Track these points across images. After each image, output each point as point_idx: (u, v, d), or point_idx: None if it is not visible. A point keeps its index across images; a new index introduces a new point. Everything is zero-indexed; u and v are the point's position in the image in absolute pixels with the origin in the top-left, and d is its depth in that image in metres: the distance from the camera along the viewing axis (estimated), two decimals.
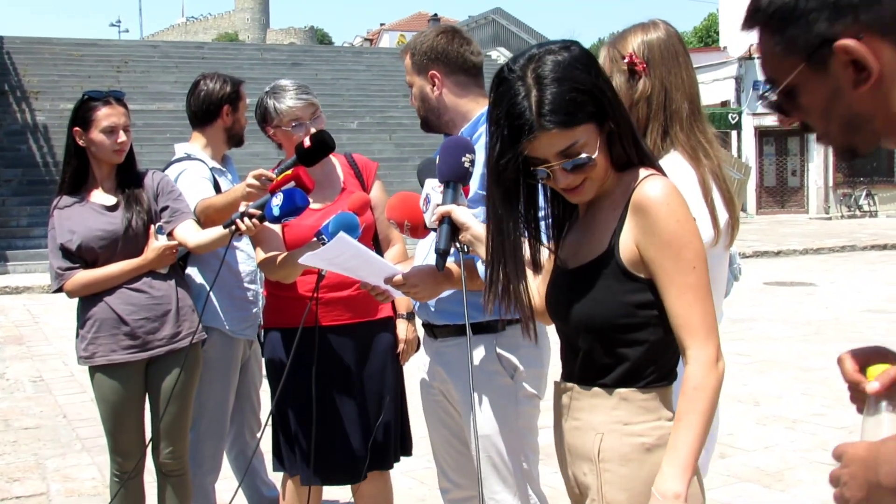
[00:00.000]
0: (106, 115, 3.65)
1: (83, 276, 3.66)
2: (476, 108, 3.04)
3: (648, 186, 1.96)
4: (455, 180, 2.45)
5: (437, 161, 2.57)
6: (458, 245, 2.37)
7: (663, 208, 1.93)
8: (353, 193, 3.61)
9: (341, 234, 2.83)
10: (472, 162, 2.49)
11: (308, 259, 2.96)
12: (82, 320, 3.72)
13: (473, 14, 41.48)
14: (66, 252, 3.66)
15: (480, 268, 2.65)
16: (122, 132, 3.67)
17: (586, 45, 2.18)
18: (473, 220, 2.36)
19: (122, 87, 24.94)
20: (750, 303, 11.77)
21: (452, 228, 2.37)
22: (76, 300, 3.78)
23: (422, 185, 2.57)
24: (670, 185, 1.97)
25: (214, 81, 4.16)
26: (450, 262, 2.80)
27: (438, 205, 2.41)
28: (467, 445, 3.08)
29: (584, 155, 1.95)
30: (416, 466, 4.40)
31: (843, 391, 1.58)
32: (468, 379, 2.28)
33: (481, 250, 2.30)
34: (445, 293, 2.88)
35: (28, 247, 17.80)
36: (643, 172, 2.01)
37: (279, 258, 3.45)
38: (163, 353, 3.68)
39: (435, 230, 2.44)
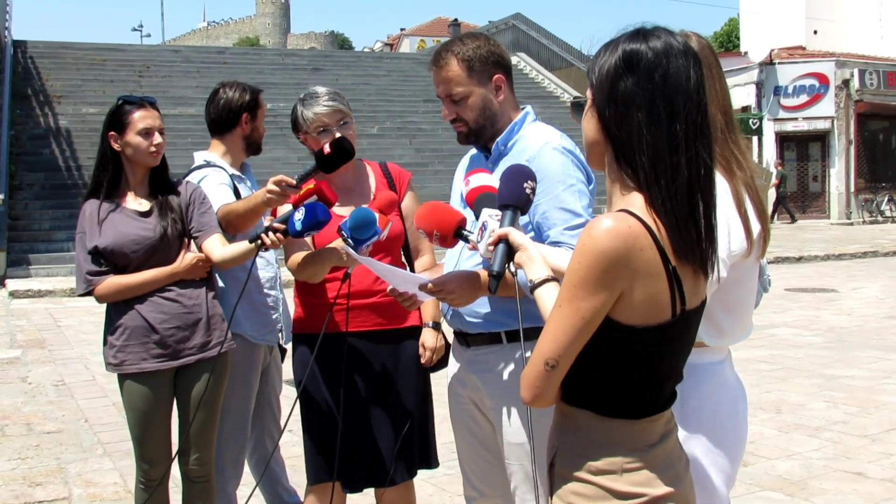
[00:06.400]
0: (142, 118, 3.69)
1: (114, 281, 3.66)
2: (515, 117, 3.05)
3: (594, 221, 1.91)
4: (514, 206, 2.41)
5: (497, 190, 2.53)
6: (510, 269, 2.35)
7: (578, 244, 1.91)
8: (381, 192, 3.61)
9: (366, 258, 2.89)
10: (534, 190, 2.45)
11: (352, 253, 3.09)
12: (112, 327, 3.71)
13: (494, 19, 41.43)
14: (96, 257, 3.66)
15: (521, 276, 2.65)
16: (157, 134, 3.71)
17: None
18: (529, 242, 2.32)
19: (143, 92, 25.05)
20: (771, 309, 11.69)
21: (508, 251, 2.33)
22: (103, 305, 3.78)
23: (477, 215, 2.53)
24: (605, 230, 1.87)
25: (233, 90, 4.17)
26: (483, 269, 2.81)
27: (494, 231, 2.38)
28: (494, 453, 3.07)
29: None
30: (436, 473, 4.40)
31: (866, 399, 1.53)
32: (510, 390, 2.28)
33: (533, 271, 2.25)
34: (480, 301, 2.87)
35: (50, 250, 17.84)
36: (621, 204, 1.96)
37: (304, 256, 3.47)
38: (193, 361, 3.69)
39: (487, 259, 2.43)
